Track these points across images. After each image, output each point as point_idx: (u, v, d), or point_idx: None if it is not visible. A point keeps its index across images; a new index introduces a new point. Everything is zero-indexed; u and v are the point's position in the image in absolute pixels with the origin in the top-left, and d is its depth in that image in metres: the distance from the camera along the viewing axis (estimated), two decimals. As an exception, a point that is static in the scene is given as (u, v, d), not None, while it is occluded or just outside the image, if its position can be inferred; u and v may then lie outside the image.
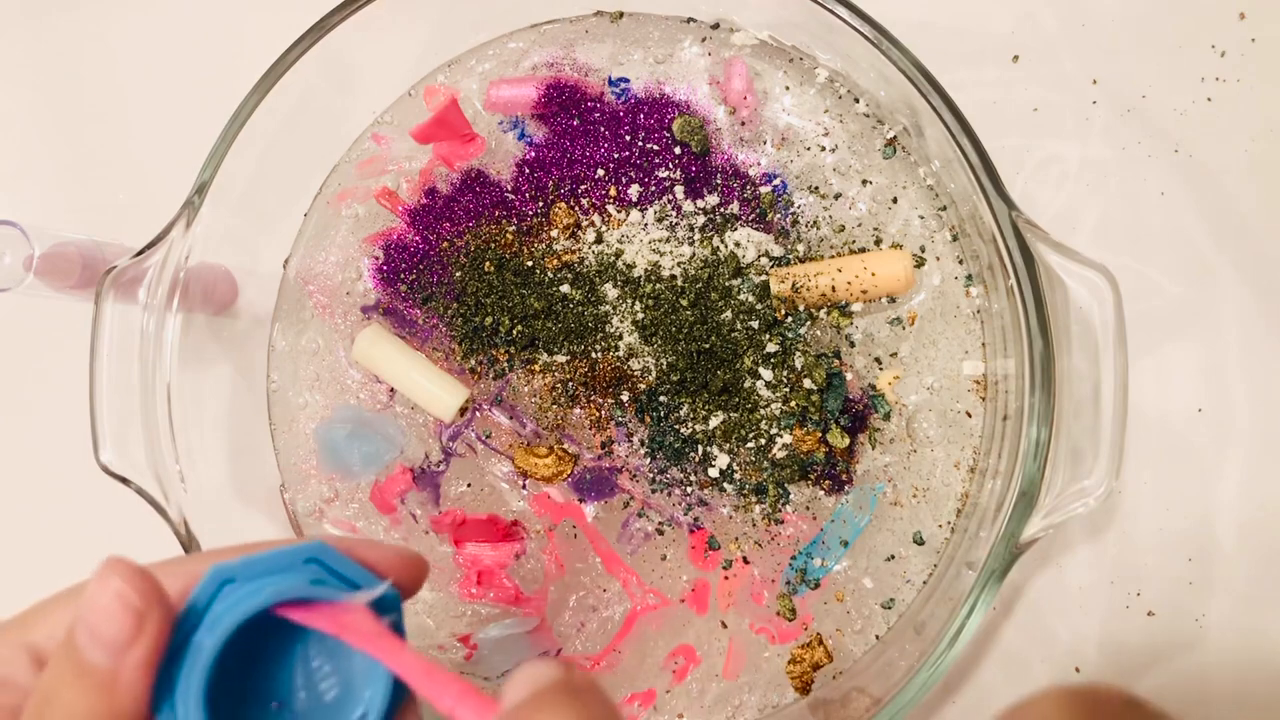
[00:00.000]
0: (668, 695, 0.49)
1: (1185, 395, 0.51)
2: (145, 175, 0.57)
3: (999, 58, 0.53)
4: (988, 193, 0.43)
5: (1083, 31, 0.52)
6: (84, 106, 0.59)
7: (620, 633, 0.50)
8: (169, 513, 0.45)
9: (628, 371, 0.50)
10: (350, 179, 0.54)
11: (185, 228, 0.46)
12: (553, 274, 0.51)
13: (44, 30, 0.59)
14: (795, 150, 0.51)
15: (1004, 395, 0.47)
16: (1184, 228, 0.51)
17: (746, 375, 0.49)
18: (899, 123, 0.50)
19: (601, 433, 0.50)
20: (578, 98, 0.52)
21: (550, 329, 0.50)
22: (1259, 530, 0.50)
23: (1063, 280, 0.42)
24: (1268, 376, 0.50)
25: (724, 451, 0.49)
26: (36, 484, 0.57)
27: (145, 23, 0.58)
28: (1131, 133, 0.52)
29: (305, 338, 0.53)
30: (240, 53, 0.51)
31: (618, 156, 0.51)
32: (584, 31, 0.53)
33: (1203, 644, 0.49)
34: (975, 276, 0.49)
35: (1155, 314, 0.51)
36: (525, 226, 0.52)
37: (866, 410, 0.49)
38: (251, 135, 0.47)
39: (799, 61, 0.51)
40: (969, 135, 0.44)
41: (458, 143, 0.52)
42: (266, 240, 0.53)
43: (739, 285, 0.50)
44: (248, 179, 0.48)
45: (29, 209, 0.58)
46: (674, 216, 0.51)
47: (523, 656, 0.48)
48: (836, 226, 0.51)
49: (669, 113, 0.51)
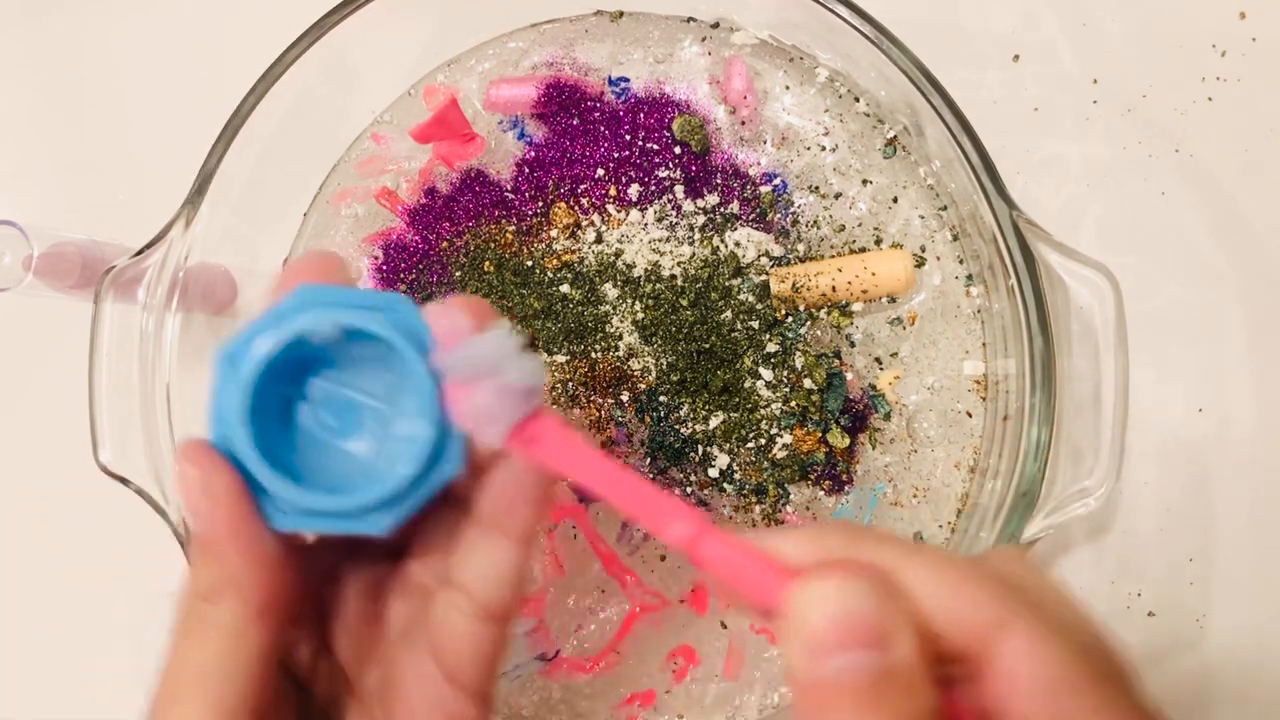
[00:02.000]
0: (668, 695, 0.49)
1: (1185, 395, 0.51)
2: (145, 175, 0.57)
3: (999, 58, 0.53)
4: (988, 192, 0.43)
5: (1083, 31, 0.52)
6: (84, 107, 0.58)
7: (620, 633, 0.50)
8: (169, 513, 0.45)
9: (628, 371, 0.50)
10: (350, 179, 0.53)
11: (185, 228, 0.46)
12: (552, 274, 0.51)
13: (44, 30, 0.59)
14: (795, 150, 0.51)
15: (1004, 395, 0.47)
16: (1184, 228, 0.51)
17: (746, 375, 0.49)
18: (899, 122, 0.50)
19: (601, 433, 0.50)
20: (578, 97, 0.52)
21: (550, 329, 0.50)
22: (1259, 530, 0.50)
23: (1063, 280, 0.42)
24: (1268, 376, 0.50)
25: (724, 452, 0.49)
26: (36, 484, 0.57)
27: (145, 23, 0.58)
28: (1131, 133, 0.52)
29: (305, 338, 0.53)
30: (240, 52, 0.51)
31: (618, 156, 0.51)
32: (584, 31, 0.53)
33: (1203, 644, 0.49)
34: (976, 276, 0.49)
35: (1155, 314, 0.51)
36: (525, 226, 0.52)
37: (867, 410, 0.49)
38: (251, 135, 0.47)
39: (799, 61, 0.51)
40: (969, 135, 0.44)
41: (457, 142, 0.52)
42: (266, 240, 0.53)
43: (739, 285, 0.50)
44: (247, 179, 0.48)
45: (29, 209, 0.58)
46: (674, 216, 0.51)
47: (521, 658, 0.48)
48: (837, 226, 0.51)
49: (669, 112, 0.51)
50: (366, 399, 0.27)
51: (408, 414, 0.26)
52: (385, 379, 0.27)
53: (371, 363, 0.27)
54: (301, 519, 0.26)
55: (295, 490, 0.25)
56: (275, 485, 0.25)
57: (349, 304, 0.26)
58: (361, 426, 0.27)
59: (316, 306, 0.26)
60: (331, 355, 0.27)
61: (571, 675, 0.50)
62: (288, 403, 0.27)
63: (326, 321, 0.25)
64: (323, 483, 0.26)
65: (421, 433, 0.26)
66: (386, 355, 0.26)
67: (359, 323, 0.25)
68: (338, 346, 0.26)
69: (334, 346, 0.26)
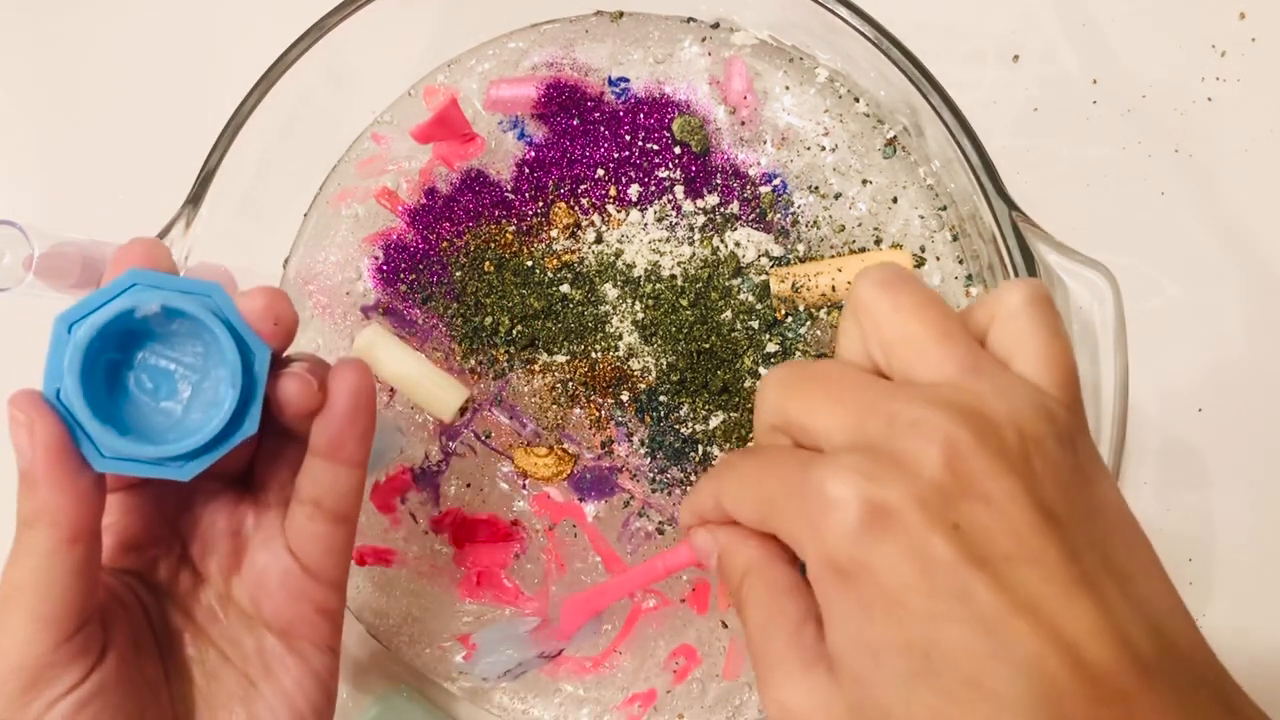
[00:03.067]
0: (668, 695, 0.49)
1: (1185, 395, 0.51)
2: (145, 175, 0.57)
3: (999, 58, 0.53)
4: (988, 193, 0.43)
5: (1083, 31, 0.52)
6: (84, 107, 0.58)
7: (621, 633, 0.50)
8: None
9: (628, 371, 0.50)
10: (350, 179, 0.53)
11: (185, 228, 0.46)
12: (552, 274, 0.51)
13: (44, 30, 0.59)
14: (795, 150, 0.51)
15: (1004, 395, 0.47)
16: (1184, 228, 0.51)
17: (746, 375, 0.49)
18: (899, 122, 0.50)
19: (601, 432, 0.50)
20: (578, 98, 0.52)
21: (550, 329, 0.50)
22: (1259, 530, 0.50)
23: (1063, 280, 0.42)
24: (1268, 376, 0.50)
25: (725, 451, 0.49)
26: (36, 484, 0.57)
27: (145, 23, 0.58)
28: (1131, 133, 0.52)
29: (305, 338, 0.53)
30: (240, 53, 0.51)
31: (618, 156, 0.51)
32: (584, 31, 0.53)
33: (1203, 644, 0.49)
34: (975, 276, 0.49)
35: (1155, 314, 0.51)
36: (525, 226, 0.52)
37: (867, 410, 0.49)
38: (251, 135, 0.47)
39: (799, 61, 0.51)
40: (969, 135, 0.44)
41: (457, 142, 0.52)
42: (266, 240, 0.53)
43: (739, 285, 0.50)
44: (248, 179, 0.48)
45: (29, 209, 0.58)
46: (674, 216, 0.51)
47: (523, 656, 0.48)
48: (836, 226, 0.51)
49: (669, 112, 0.51)
50: (181, 368, 0.32)
51: (217, 381, 0.32)
52: (198, 351, 0.32)
53: (188, 338, 0.32)
54: (120, 464, 0.31)
55: (116, 438, 0.30)
56: (97, 431, 0.30)
57: (172, 287, 0.31)
58: (176, 391, 0.32)
59: (146, 287, 0.31)
60: (153, 329, 0.32)
61: (573, 674, 0.50)
62: (115, 367, 0.32)
63: (152, 300, 0.30)
64: (142, 435, 0.31)
65: (226, 398, 0.31)
66: (199, 331, 0.31)
67: (179, 304, 0.30)
68: (159, 322, 0.31)
69: (156, 322, 0.31)
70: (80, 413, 0.30)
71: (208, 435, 0.31)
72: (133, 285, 0.31)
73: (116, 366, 0.32)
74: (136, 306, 0.30)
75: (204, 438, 0.31)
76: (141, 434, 0.31)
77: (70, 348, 0.30)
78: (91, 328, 0.30)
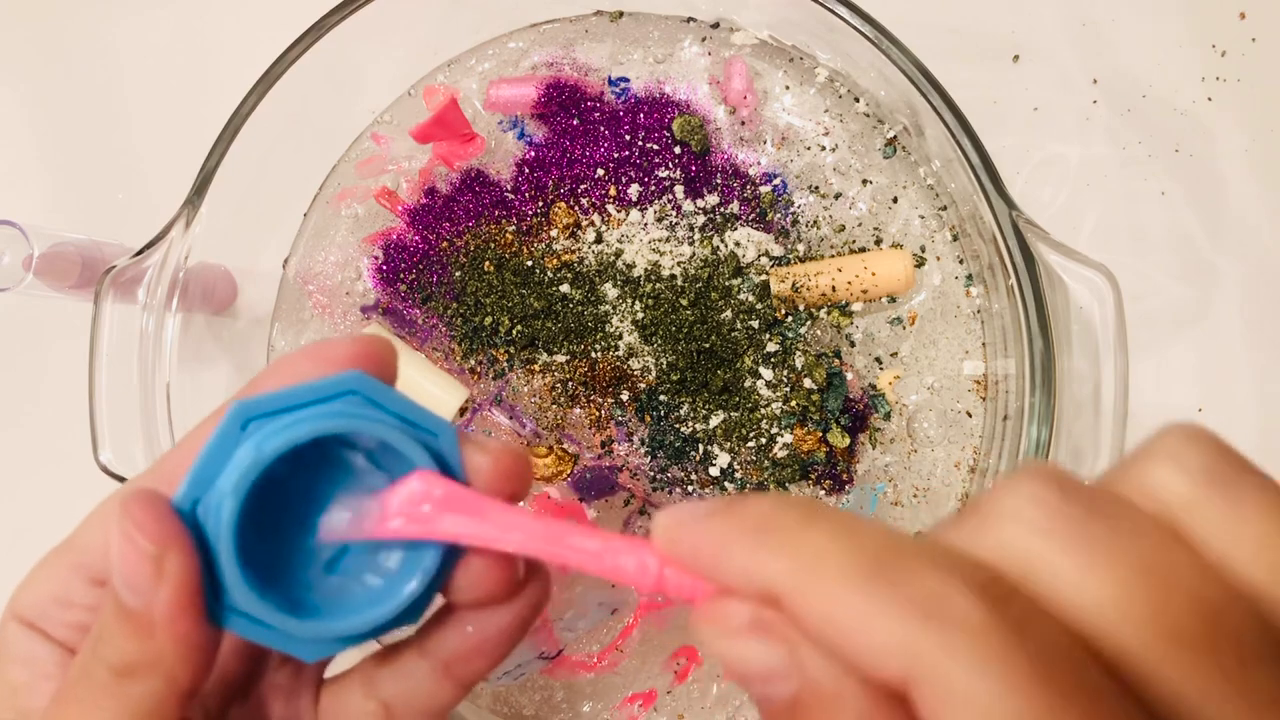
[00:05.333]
0: (669, 695, 0.49)
1: (1185, 395, 0.51)
2: (145, 175, 0.57)
3: (999, 58, 0.53)
4: (988, 192, 0.43)
5: (1083, 31, 0.52)
6: (84, 106, 0.58)
7: (622, 633, 0.50)
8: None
9: (628, 371, 0.50)
10: (350, 179, 0.53)
11: (185, 227, 0.46)
12: (552, 274, 0.51)
13: (44, 30, 0.59)
14: (795, 150, 0.51)
15: (1004, 395, 0.47)
16: (1184, 228, 0.51)
17: (747, 375, 0.49)
18: (899, 122, 0.50)
19: (601, 432, 0.50)
20: (578, 97, 0.52)
21: (550, 329, 0.50)
22: (1259, 530, 0.50)
23: (1063, 280, 0.42)
24: (1268, 376, 0.50)
25: (725, 450, 0.49)
26: (36, 484, 0.57)
27: (144, 23, 0.58)
28: (1131, 133, 0.52)
29: (305, 338, 0.53)
30: (240, 52, 0.51)
31: (617, 156, 0.51)
32: (584, 31, 0.53)
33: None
34: (975, 276, 0.49)
35: (1155, 314, 0.51)
36: (525, 226, 0.52)
37: (867, 410, 0.49)
38: (251, 135, 0.47)
39: (799, 61, 0.51)
40: (969, 135, 0.44)
41: (457, 142, 0.52)
42: (266, 240, 0.53)
43: (739, 285, 0.50)
44: (247, 179, 0.48)
45: (29, 209, 0.58)
46: (674, 216, 0.51)
47: (523, 657, 0.48)
48: (836, 226, 0.51)
49: (669, 112, 0.51)
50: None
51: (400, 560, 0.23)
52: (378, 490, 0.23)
53: (373, 473, 0.24)
54: (245, 624, 0.22)
55: (256, 601, 0.22)
56: (238, 590, 0.22)
57: (394, 410, 0.23)
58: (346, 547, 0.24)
59: (361, 409, 0.23)
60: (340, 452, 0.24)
61: (574, 674, 0.50)
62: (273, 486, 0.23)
63: (367, 431, 0.22)
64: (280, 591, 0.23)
65: (410, 582, 0.23)
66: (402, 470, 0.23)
67: (398, 445, 0.22)
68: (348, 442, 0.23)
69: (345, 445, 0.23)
70: (224, 551, 0.22)
71: (368, 625, 0.23)
72: (350, 393, 0.23)
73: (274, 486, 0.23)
74: (353, 433, 0.22)
75: (363, 626, 0.23)
76: (280, 589, 0.23)
77: (248, 462, 0.22)
78: (285, 443, 0.22)
